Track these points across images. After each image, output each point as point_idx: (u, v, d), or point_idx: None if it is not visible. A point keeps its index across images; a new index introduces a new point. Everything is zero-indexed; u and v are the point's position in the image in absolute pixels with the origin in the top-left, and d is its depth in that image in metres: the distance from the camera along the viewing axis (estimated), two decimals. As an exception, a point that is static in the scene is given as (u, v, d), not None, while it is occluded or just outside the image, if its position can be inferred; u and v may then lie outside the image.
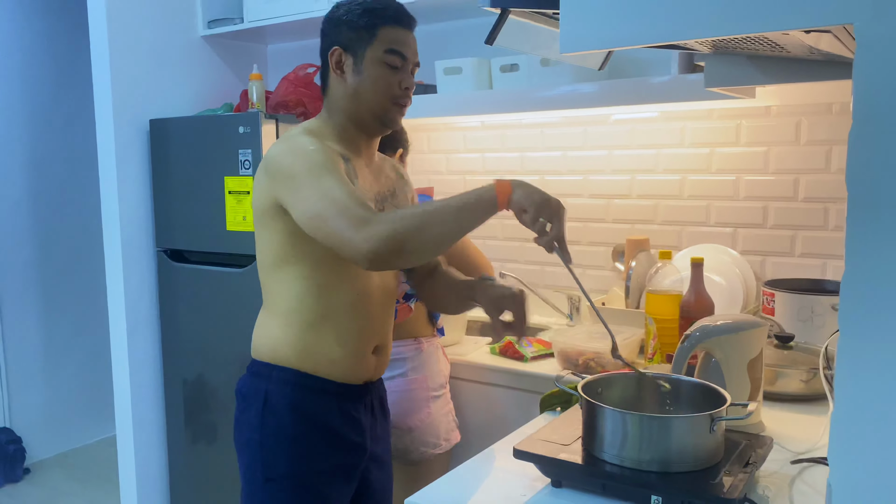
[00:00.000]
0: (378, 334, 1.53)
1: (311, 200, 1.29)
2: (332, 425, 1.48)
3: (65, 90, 3.95)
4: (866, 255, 0.79)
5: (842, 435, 0.82)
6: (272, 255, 1.44)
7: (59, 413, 4.01)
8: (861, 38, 0.77)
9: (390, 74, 1.43)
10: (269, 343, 1.48)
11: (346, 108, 1.46)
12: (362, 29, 1.43)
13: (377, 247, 1.22)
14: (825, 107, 2.12)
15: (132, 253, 2.83)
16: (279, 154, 1.39)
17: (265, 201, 1.41)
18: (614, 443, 1.19)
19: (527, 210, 1.25)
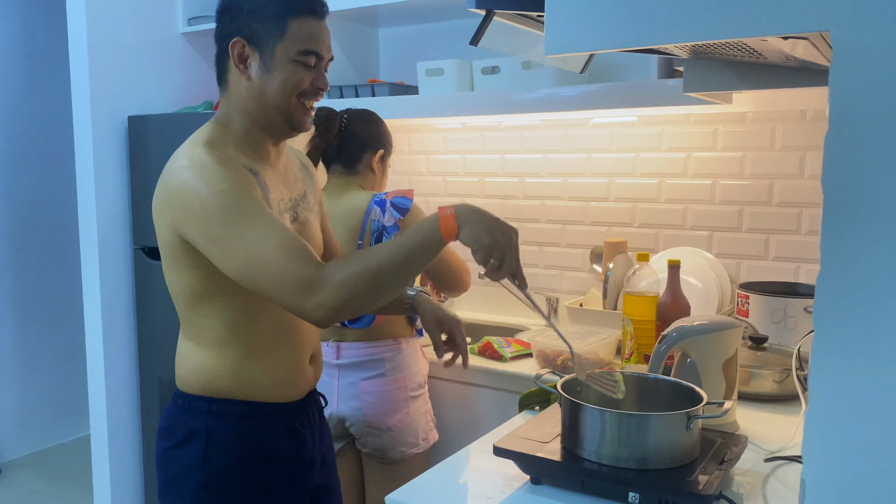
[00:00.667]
0: (310, 342, 1.44)
1: (236, 254, 1.17)
2: (280, 450, 1.38)
3: (42, 86, 3.90)
4: (841, 258, 0.82)
5: (815, 431, 0.84)
6: (188, 291, 1.30)
7: (32, 412, 3.96)
8: (837, 45, 0.79)
9: (303, 73, 1.28)
10: (202, 376, 1.33)
11: (250, 110, 1.30)
12: (269, 21, 1.26)
13: (328, 315, 1.16)
14: (799, 113, 2.17)
15: (109, 250, 2.81)
16: (185, 188, 1.21)
17: (173, 236, 1.25)
18: (593, 440, 1.20)
19: (476, 252, 1.18)
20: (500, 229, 1.18)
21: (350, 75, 2.76)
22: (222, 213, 1.17)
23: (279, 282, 1.15)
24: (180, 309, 1.34)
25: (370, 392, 1.87)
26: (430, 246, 1.18)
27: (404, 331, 1.96)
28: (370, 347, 1.88)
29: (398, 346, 1.92)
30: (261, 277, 1.16)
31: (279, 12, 1.26)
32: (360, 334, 1.89)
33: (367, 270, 1.15)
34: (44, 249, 3.98)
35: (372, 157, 1.97)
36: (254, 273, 1.16)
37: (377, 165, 1.98)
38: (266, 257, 1.15)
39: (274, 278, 1.15)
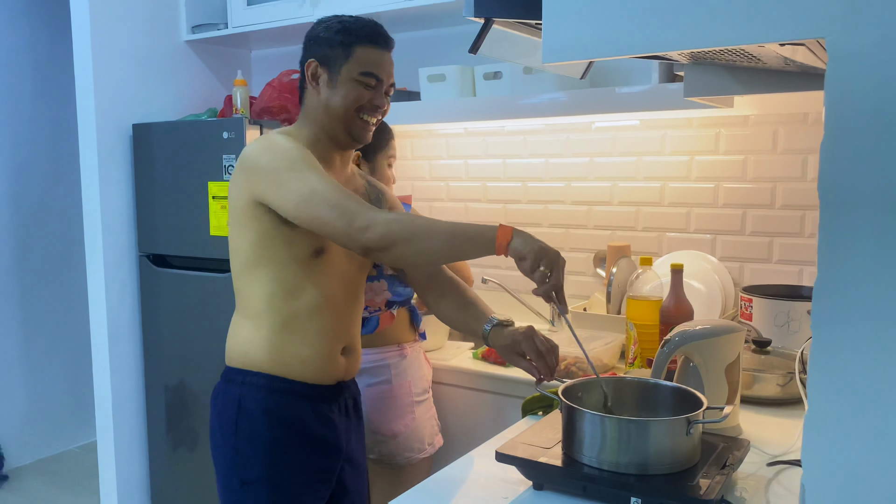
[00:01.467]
0: (345, 335, 1.57)
1: (299, 191, 1.34)
2: (306, 427, 1.50)
3: (47, 95, 3.93)
4: (838, 262, 0.82)
5: (815, 436, 0.84)
6: (244, 256, 1.47)
7: (38, 419, 3.97)
8: (832, 51, 0.79)
9: (363, 92, 1.48)
10: (241, 347, 1.50)
11: (319, 119, 1.50)
12: (338, 46, 1.47)
13: (372, 238, 1.29)
14: (801, 116, 2.17)
15: (114, 258, 2.82)
16: (257, 151, 1.42)
17: (242, 200, 1.44)
18: (593, 446, 1.21)
19: (525, 257, 1.27)
20: (550, 247, 1.30)
21: (353, 82, 2.77)
22: (288, 163, 1.38)
23: (332, 206, 1.31)
24: (235, 279, 1.52)
25: (375, 398, 1.88)
26: (482, 239, 1.29)
27: (408, 336, 1.96)
28: (374, 354, 1.89)
29: (402, 351, 1.93)
30: (320, 204, 1.32)
31: (348, 40, 1.47)
32: (364, 341, 1.89)
33: (418, 224, 1.31)
34: (50, 257, 4.00)
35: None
36: (314, 202, 1.32)
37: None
38: (327, 191, 1.33)
39: (332, 203, 1.31)
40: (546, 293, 1.30)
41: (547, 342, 1.45)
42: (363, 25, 1.49)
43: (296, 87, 2.75)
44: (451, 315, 1.63)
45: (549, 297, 1.30)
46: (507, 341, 1.49)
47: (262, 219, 1.43)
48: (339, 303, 1.54)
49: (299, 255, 1.45)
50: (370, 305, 1.86)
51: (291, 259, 1.45)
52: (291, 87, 2.74)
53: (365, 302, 1.85)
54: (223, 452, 1.50)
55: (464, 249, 1.32)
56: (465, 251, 1.32)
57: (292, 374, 1.49)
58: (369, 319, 1.87)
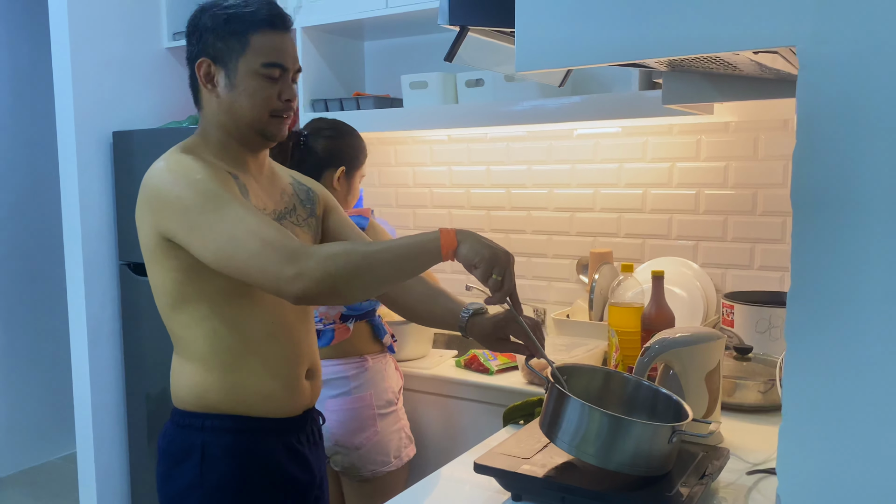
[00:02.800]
0: (306, 357, 1.42)
1: (216, 237, 1.17)
2: (278, 466, 1.37)
3: (26, 102, 3.89)
4: (811, 269, 0.82)
5: (790, 446, 0.84)
6: (170, 296, 1.30)
7: (17, 430, 3.92)
8: (803, 59, 0.79)
9: (269, 87, 1.30)
10: (193, 391, 1.33)
11: (224, 124, 1.33)
12: (231, 37, 1.28)
13: (307, 286, 1.14)
14: (781, 123, 2.18)
15: (94, 266, 2.79)
16: (161, 182, 1.23)
17: (152, 237, 1.27)
18: (572, 433, 1.18)
19: (476, 266, 1.18)
20: (498, 248, 1.20)
21: (335, 88, 2.76)
22: (199, 201, 1.19)
23: (260, 252, 1.15)
24: (166, 321, 1.35)
25: (336, 410, 1.84)
26: (426, 253, 1.18)
27: (371, 347, 1.91)
28: (335, 366, 1.85)
29: (364, 363, 1.88)
30: (241, 254, 1.16)
31: (240, 28, 1.28)
32: (325, 352, 1.85)
33: (357, 253, 1.16)
34: (30, 266, 3.95)
35: (332, 174, 1.88)
36: (235, 251, 1.16)
37: (339, 182, 1.89)
38: (246, 235, 1.16)
39: (254, 252, 1.15)
40: (500, 301, 1.22)
41: (530, 320, 1.37)
42: (256, 8, 1.29)
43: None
44: (418, 309, 1.51)
45: (503, 301, 1.23)
46: (489, 329, 1.39)
47: (180, 255, 1.25)
48: (293, 324, 1.39)
49: (232, 285, 1.27)
50: (324, 318, 1.83)
51: (224, 292, 1.28)
52: (273, 94, 2.72)
53: (319, 314, 1.82)
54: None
55: (411, 269, 1.20)
56: (413, 269, 1.20)
57: (257, 411, 1.34)
58: (324, 332, 1.84)
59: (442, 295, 1.50)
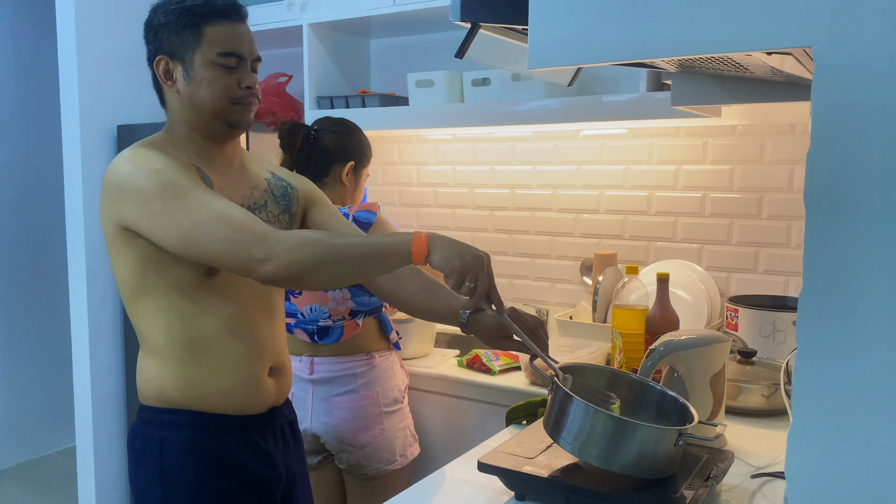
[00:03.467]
0: (269, 355, 1.40)
1: (178, 224, 1.18)
2: (241, 464, 1.35)
3: (31, 95, 3.89)
4: (823, 271, 0.81)
5: (799, 449, 0.83)
6: (129, 286, 1.30)
7: (18, 423, 3.92)
8: (819, 60, 0.79)
9: (226, 76, 1.29)
10: (153, 385, 1.33)
11: (187, 119, 1.32)
12: (184, 31, 1.28)
13: (274, 270, 1.16)
14: (788, 127, 2.17)
15: (96, 260, 2.79)
16: (121, 174, 1.23)
17: (112, 227, 1.27)
18: (577, 434, 1.18)
19: (449, 275, 1.18)
20: (470, 253, 1.18)
21: (341, 86, 2.76)
22: (159, 190, 1.20)
23: (227, 239, 1.16)
24: (129, 314, 1.35)
25: (343, 408, 1.84)
26: (395, 255, 1.18)
27: (378, 345, 1.91)
28: (342, 363, 1.85)
29: (371, 360, 1.88)
30: (207, 238, 1.17)
31: (193, 21, 1.29)
32: (333, 349, 1.85)
33: (326, 245, 1.17)
34: (32, 259, 3.95)
35: (341, 168, 1.91)
36: (200, 236, 1.18)
37: (347, 178, 1.91)
38: (211, 219, 1.18)
39: (221, 236, 1.17)
40: (475, 306, 1.20)
41: (533, 319, 1.37)
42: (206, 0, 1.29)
43: (282, 89, 2.73)
44: (414, 302, 1.48)
45: (477, 306, 1.21)
46: (491, 327, 1.36)
47: (138, 244, 1.25)
48: (254, 321, 1.37)
49: (189, 278, 1.28)
50: (333, 314, 1.83)
51: (182, 283, 1.28)
52: (278, 89, 2.72)
53: (328, 311, 1.82)
54: (148, 501, 1.33)
55: (378, 268, 1.21)
56: (380, 269, 1.22)
57: (216, 407, 1.33)
58: (333, 328, 1.84)
59: (441, 288, 1.47)
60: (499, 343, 1.38)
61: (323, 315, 1.82)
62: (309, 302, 1.82)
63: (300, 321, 1.84)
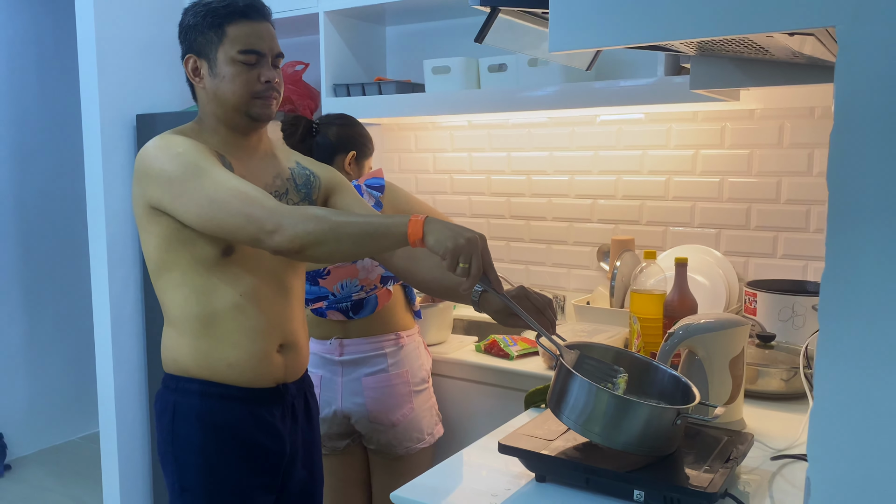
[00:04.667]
0: (279, 332, 1.47)
1: (197, 200, 1.29)
2: (243, 432, 1.44)
3: (51, 85, 3.92)
4: (846, 256, 0.81)
5: (821, 429, 0.84)
6: (154, 262, 1.42)
7: (41, 409, 3.98)
8: (843, 40, 0.78)
9: (247, 71, 1.40)
10: (171, 354, 1.45)
11: (214, 112, 1.43)
12: (209, 31, 1.39)
13: (283, 241, 1.25)
14: (807, 110, 2.16)
15: (117, 248, 2.82)
16: (150, 156, 1.35)
17: (140, 206, 1.39)
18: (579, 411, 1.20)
19: (444, 258, 1.22)
20: (463, 235, 1.23)
21: (357, 73, 2.76)
22: (181, 171, 1.31)
23: (241, 212, 1.26)
24: (154, 287, 1.46)
25: (373, 388, 1.88)
26: (392, 236, 1.25)
27: (405, 323, 1.96)
28: (371, 343, 1.89)
29: (399, 340, 1.92)
30: (223, 213, 1.27)
31: (216, 21, 1.39)
32: (362, 329, 1.89)
33: (327, 221, 1.25)
34: (54, 247, 4.00)
35: (343, 158, 1.95)
36: (217, 211, 1.28)
37: (350, 167, 1.96)
38: (227, 195, 1.28)
39: (235, 210, 1.27)
40: (470, 287, 1.24)
41: (542, 297, 1.42)
42: (230, 1, 1.39)
43: (299, 78, 2.74)
44: (428, 279, 1.54)
45: (474, 285, 1.24)
46: (499, 305, 1.43)
47: (163, 223, 1.37)
48: (266, 299, 1.45)
49: (206, 256, 1.38)
50: (365, 284, 1.86)
51: (199, 261, 1.39)
52: (295, 78, 2.73)
53: (359, 282, 1.85)
54: (165, 458, 1.46)
55: (375, 246, 1.28)
56: (377, 248, 1.29)
57: (223, 378, 1.42)
58: (368, 299, 1.87)
59: None
60: (507, 320, 1.44)
61: (355, 288, 1.85)
62: (339, 279, 1.85)
63: (332, 301, 1.87)
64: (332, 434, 1.93)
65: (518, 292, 1.42)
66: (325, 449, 1.96)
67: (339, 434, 1.93)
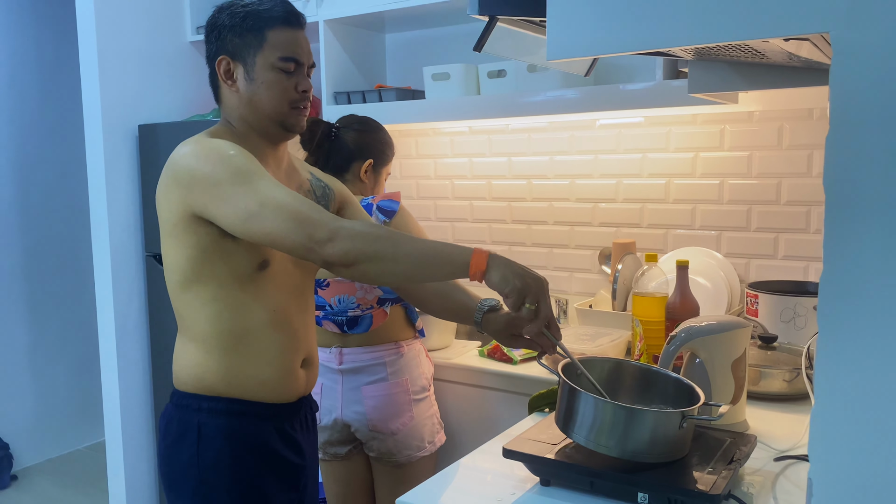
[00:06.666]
0: (303, 347, 1.47)
1: (246, 205, 1.22)
2: (272, 450, 1.41)
3: (52, 96, 3.94)
4: (844, 256, 0.82)
5: (821, 429, 0.84)
6: (182, 274, 1.34)
7: (47, 419, 3.99)
8: (837, 45, 0.79)
9: (285, 79, 1.36)
10: (193, 372, 1.38)
11: (245, 117, 1.38)
12: (248, 34, 1.35)
13: (334, 254, 1.19)
14: (806, 112, 2.16)
15: (121, 257, 2.83)
16: (192, 160, 1.28)
17: (177, 213, 1.31)
18: (587, 426, 1.21)
19: (508, 296, 1.20)
20: (530, 275, 1.21)
21: (357, 81, 2.78)
22: (230, 173, 1.24)
23: (292, 220, 1.20)
24: (173, 301, 1.39)
25: (373, 396, 1.87)
26: (452, 264, 1.21)
27: (405, 333, 1.94)
28: (371, 352, 1.88)
29: (399, 349, 1.91)
30: (273, 218, 1.20)
31: (257, 25, 1.35)
32: (361, 339, 1.88)
33: (388, 238, 1.21)
34: (58, 257, 4.02)
35: (360, 166, 1.93)
36: (265, 216, 1.21)
37: (366, 175, 1.94)
38: (278, 201, 1.21)
39: (287, 216, 1.20)
40: (538, 329, 1.24)
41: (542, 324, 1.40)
42: (271, 6, 1.36)
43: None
44: (433, 301, 1.55)
45: (539, 330, 1.24)
46: (502, 325, 1.43)
47: (201, 233, 1.30)
48: (291, 314, 1.43)
49: (242, 270, 1.34)
50: (362, 303, 1.85)
51: (235, 275, 1.33)
52: (296, 86, 2.74)
53: (356, 300, 1.85)
54: (183, 484, 1.38)
55: (432, 273, 1.22)
56: (434, 274, 1.23)
57: (253, 395, 1.38)
58: (363, 318, 1.87)
59: (458, 289, 1.54)
60: (510, 341, 1.45)
61: (352, 305, 1.85)
62: (337, 293, 1.85)
63: (329, 313, 1.87)
64: (334, 441, 1.93)
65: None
66: (327, 455, 1.96)
67: (341, 441, 1.93)
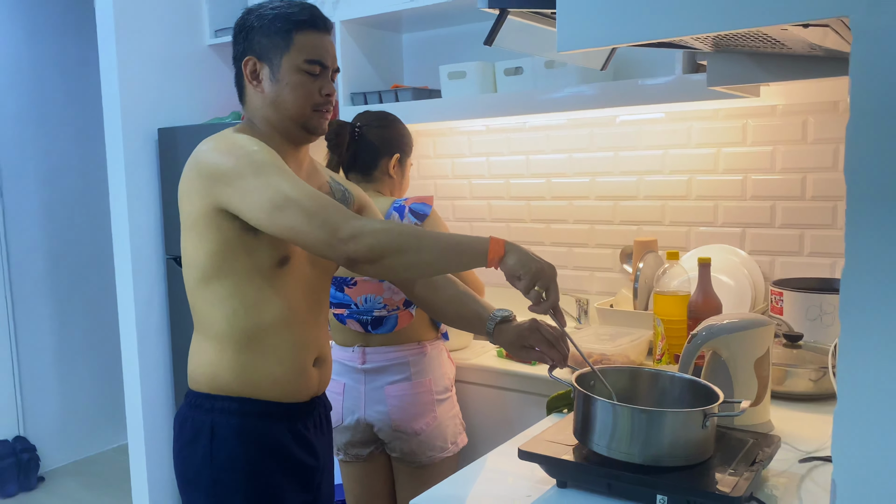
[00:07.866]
0: (315, 345, 1.47)
1: (271, 199, 1.23)
2: (285, 449, 1.41)
3: (74, 102, 3.99)
4: (866, 250, 0.79)
5: (845, 430, 0.81)
6: (201, 269, 1.35)
7: (72, 421, 4.04)
8: (857, 30, 0.76)
9: (310, 82, 1.38)
10: (206, 370, 1.38)
11: (268, 118, 1.40)
12: (276, 35, 1.37)
13: (358, 249, 1.21)
14: (831, 105, 2.11)
15: (142, 261, 2.85)
16: (216, 154, 1.29)
17: (200, 207, 1.32)
18: (605, 434, 1.19)
19: (521, 278, 1.25)
20: (543, 261, 1.26)
21: (374, 81, 2.77)
22: (255, 167, 1.26)
23: (316, 217, 1.21)
24: (190, 298, 1.40)
25: (396, 396, 1.87)
26: (472, 252, 1.25)
27: (428, 334, 1.94)
28: (395, 352, 1.88)
29: (422, 349, 1.91)
30: (297, 213, 1.22)
31: (285, 27, 1.37)
32: (385, 339, 1.88)
33: (409, 233, 1.24)
34: (81, 262, 4.06)
35: (388, 161, 1.95)
36: (289, 211, 1.22)
37: (395, 170, 1.96)
38: (302, 196, 1.23)
39: (310, 212, 1.22)
40: (544, 311, 1.29)
41: (554, 331, 1.44)
42: (299, 9, 1.38)
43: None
44: (447, 310, 1.58)
45: (546, 313, 1.30)
46: (513, 337, 1.46)
47: (224, 227, 1.31)
48: (305, 312, 1.43)
49: (263, 265, 1.34)
50: (388, 304, 1.85)
51: (254, 271, 1.34)
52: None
53: (383, 300, 1.85)
54: (197, 484, 1.38)
55: (454, 262, 1.26)
56: (456, 264, 1.27)
57: (266, 394, 1.38)
58: (388, 318, 1.86)
59: (471, 299, 1.57)
60: (520, 353, 1.48)
61: (378, 305, 1.84)
62: (364, 293, 1.85)
63: (353, 311, 1.87)
64: (356, 441, 1.92)
65: (531, 325, 1.45)
66: (348, 457, 1.95)
67: (363, 442, 1.92)
